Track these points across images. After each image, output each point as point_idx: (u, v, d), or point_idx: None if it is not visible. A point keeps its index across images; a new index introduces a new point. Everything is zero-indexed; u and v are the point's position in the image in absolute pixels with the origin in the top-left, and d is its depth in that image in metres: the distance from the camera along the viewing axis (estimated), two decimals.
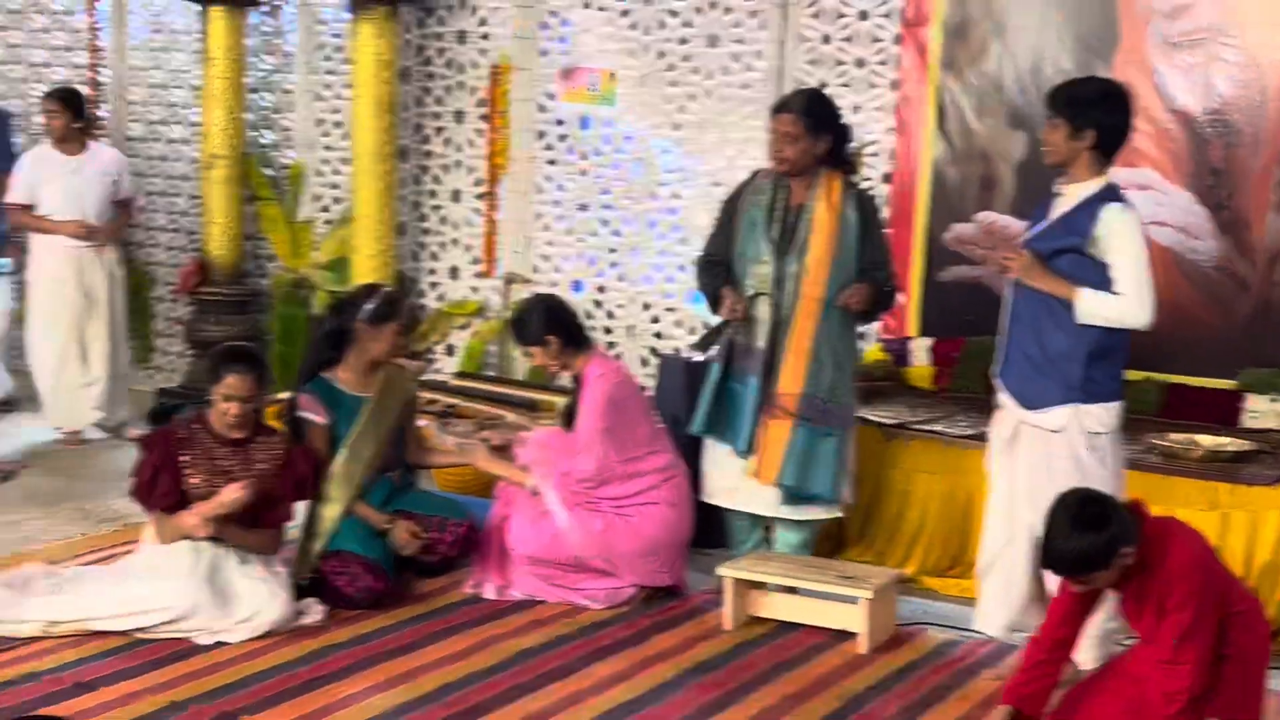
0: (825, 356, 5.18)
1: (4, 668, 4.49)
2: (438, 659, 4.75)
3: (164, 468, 4.92)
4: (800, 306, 5.18)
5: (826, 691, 4.61)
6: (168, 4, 8.56)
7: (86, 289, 7.31)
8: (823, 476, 5.23)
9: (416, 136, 7.97)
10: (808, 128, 5.14)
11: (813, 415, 5.18)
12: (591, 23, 7.44)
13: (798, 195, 5.24)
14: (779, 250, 5.20)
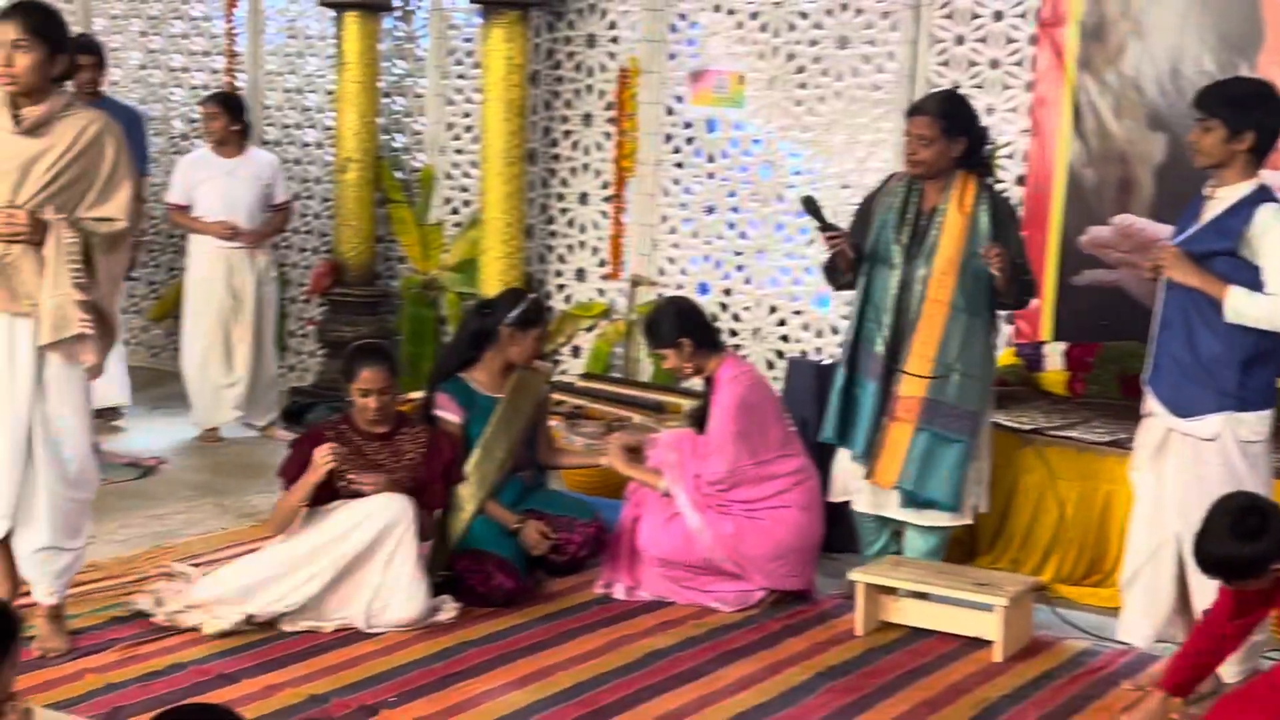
0: (952, 362, 5.08)
1: (152, 658, 4.61)
2: (569, 658, 4.78)
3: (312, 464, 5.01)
4: (926, 310, 5.10)
5: (961, 700, 4.56)
6: (303, 10, 8.72)
7: (235, 290, 7.46)
8: (943, 483, 5.12)
9: (545, 140, 8.03)
10: (943, 130, 5.07)
11: (937, 421, 5.09)
12: (721, 25, 7.45)
13: (930, 198, 5.17)
14: (908, 254, 5.13)
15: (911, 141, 5.12)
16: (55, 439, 4.46)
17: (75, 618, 4.81)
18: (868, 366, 5.18)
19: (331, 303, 8.28)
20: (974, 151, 5.19)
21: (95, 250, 4.40)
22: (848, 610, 5.20)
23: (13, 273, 4.35)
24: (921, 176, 5.17)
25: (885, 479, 5.16)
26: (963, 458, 5.12)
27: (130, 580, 5.33)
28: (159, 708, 4.16)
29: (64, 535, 4.54)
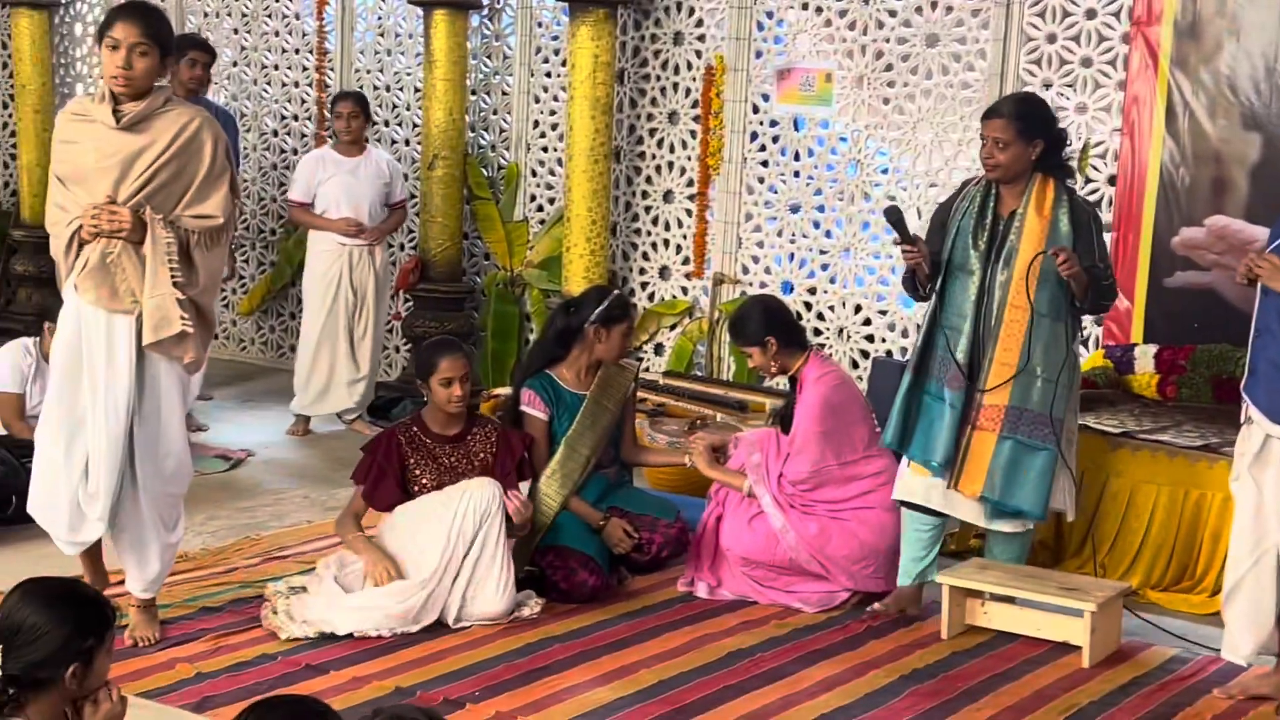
0: (1035, 368, 4.96)
1: (241, 648, 4.67)
2: (652, 655, 4.79)
3: (386, 471, 5.04)
4: (1007, 316, 4.99)
5: (1048, 706, 4.51)
6: (393, 8, 8.79)
7: (356, 286, 7.52)
8: (1031, 493, 5.00)
9: (630, 137, 8.05)
10: (1019, 132, 4.96)
11: (1021, 429, 4.98)
12: (808, 23, 7.42)
13: (1009, 203, 5.07)
14: (987, 259, 5.02)
15: (988, 145, 5.02)
16: (153, 436, 4.51)
17: (166, 608, 4.88)
18: (945, 375, 5.05)
19: (417, 299, 8.34)
20: (1052, 154, 5.07)
21: (194, 248, 4.45)
22: (933, 613, 5.17)
23: (115, 270, 4.40)
24: (999, 180, 5.06)
25: (970, 489, 5.04)
26: (1049, 465, 4.99)
27: (219, 571, 5.41)
28: (248, 698, 4.24)
29: (161, 529, 4.60)
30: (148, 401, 4.49)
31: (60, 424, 4.50)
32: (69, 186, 4.46)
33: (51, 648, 2.82)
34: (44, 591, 2.90)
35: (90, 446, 4.47)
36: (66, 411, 4.50)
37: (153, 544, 4.59)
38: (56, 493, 4.53)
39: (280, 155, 9.25)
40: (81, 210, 4.40)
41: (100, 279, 4.40)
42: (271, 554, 5.63)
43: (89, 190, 4.41)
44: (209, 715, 4.17)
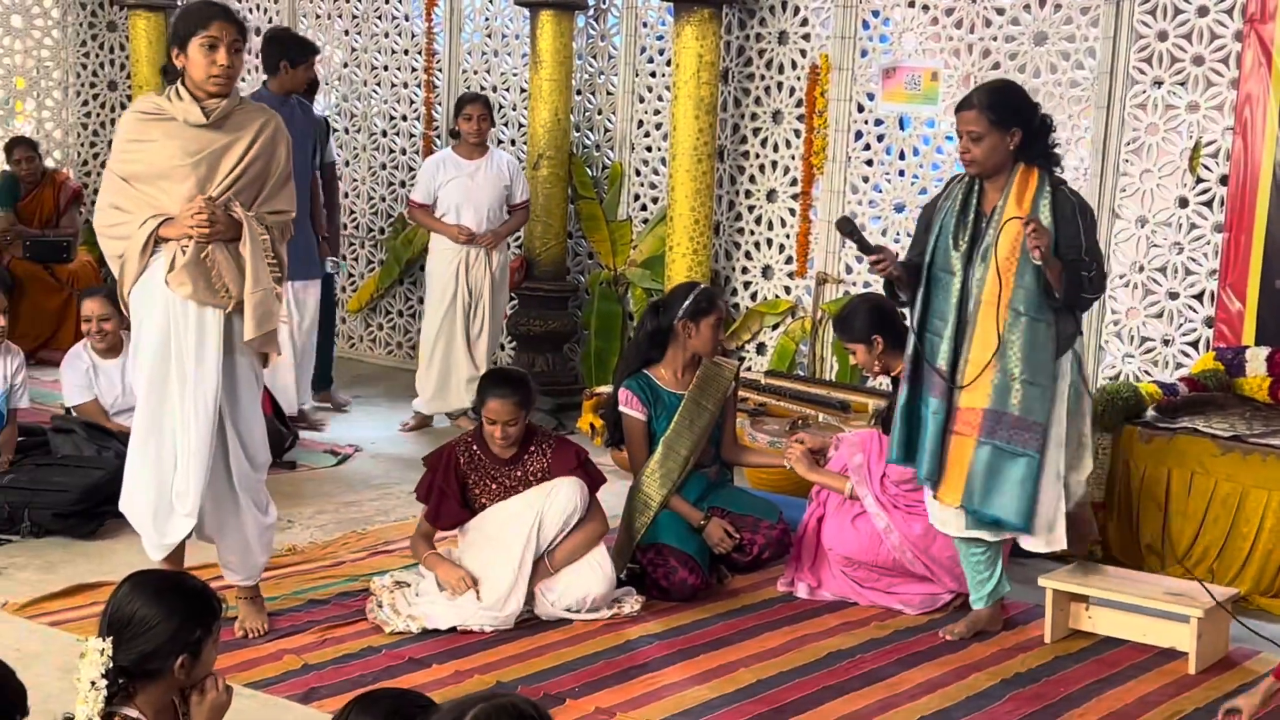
0: (1013, 369, 4.70)
1: (347, 641, 4.76)
2: (751, 655, 4.80)
3: (446, 493, 5.07)
4: (982, 314, 4.73)
5: (1152, 712, 4.46)
6: (500, 9, 8.88)
7: (472, 286, 7.58)
8: (1010, 501, 4.74)
9: (734, 136, 8.05)
10: (992, 123, 4.69)
11: (1000, 433, 4.72)
12: (914, 22, 7.37)
13: (991, 198, 4.80)
14: (967, 259, 4.77)
15: (962, 139, 4.77)
16: (242, 428, 4.60)
17: (273, 600, 4.98)
18: (931, 382, 4.83)
19: (522, 298, 8.41)
20: (1033, 143, 4.77)
21: (276, 243, 4.57)
22: (1036, 616, 5.12)
23: (210, 267, 4.46)
24: (978, 175, 4.80)
25: (950, 497, 4.82)
26: (1030, 473, 4.73)
27: (326, 565, 5.51)
28: (353, 690, 4.31)
29: (257, 513, 4.71)
30: (234, 394, 4.58)
31: (151, 420, 4.57)
32: (137, 186, 4.50)
33: (161, 639, 2.88)
34: (153, 584, 2.97)
35: (180, 442, 4.53)
36: (156, 407, 4.56)
37: (251, 529, 4.69)
38: (146, 490, 4.60)
39: (389, 155, 9.38)
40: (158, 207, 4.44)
41: (197, 273, 4.45)
42: (377, 548, 5.73)
43: (167, 189, 4.46)
44: (315, 706, 4.26)
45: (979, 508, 4.78)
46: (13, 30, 10.14)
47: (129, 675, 2.86)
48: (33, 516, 5.65)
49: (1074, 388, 4.82)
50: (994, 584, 5.01)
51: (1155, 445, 5.76)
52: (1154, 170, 6.73)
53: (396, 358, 9.44)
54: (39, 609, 4.92)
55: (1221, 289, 6.49)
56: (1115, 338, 6.91)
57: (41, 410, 6.88)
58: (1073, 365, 4.82)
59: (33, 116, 10.28)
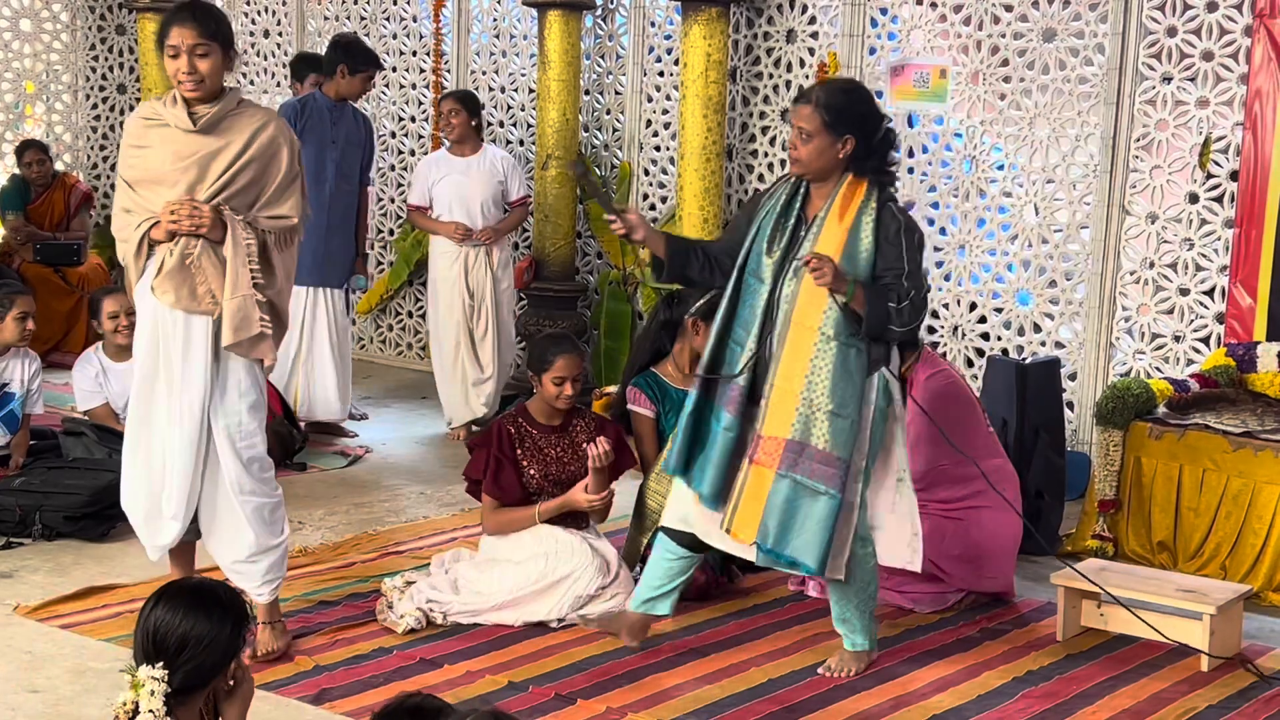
0: (819, 399, 4.29)
1: (358, 642, 4.76)
2: (763, 653, 4.80)
3: (504, 462, 5.10)
4: (791, 335, 4.33)
5: (1165, 710, 4.44)
6: (508, 10, 8.88)
7: (471, 288, 7.52)
8: (806, 543, 4.33)
9: (743, 135, 8.05)
10: (825, 124, 4.30)
11: (800, 467, 4.31)
12: (923, 19, 7.36)
13: (815, 205, 4.42)
14: (780, 267, 4.38)
15: (792, 135, 4.40)
16: (237, 439, 4.47)
17: (284, 601, 4.96)
18: (726, 395, 4.41)
19: (530, 297, 8.41)
20: (868, 155, 4.36)
21: (271, 248, 4.45)
22: (1048, 614, 5.11)
23: (195, 271, 4.39)
24: (801, 177, 4.42)
25: (745, 533, 4.39)
26: (830, 513, 4.31)
27: (337, 566, 5.51)
28: (364, 691, 4.34)
29: (266, 535, 4.54)
30: (228, 402, 4.47)
31: (140, 425, 4.53)
32: (138, 190, 4.46)
33: (217, 654, 2.86)
34: (189, 598, 2.90)
35: (166, 447, 4.48)
36: (145, 413, 4.52)
37: (254, 547, 4.52)
38: (137, 494, 4.56)
39: (398, 156, 9.39)
40: (154, 211, 4.39)
41: (180, 280, 4.39)
42: (388, 549, 5.73)
43: (161, 194, 4.40)
44: (326, 707, 4.25)
45: (774, 548, 4.36)
46: (22, 34, 10.17)
47: (181, 693, 2.84)
48: (44, 519, 5.66)
49: (880, 413, 4.39)
50: (658, 594, 4.67)
51: (1166, 442, 5.75)
52: (1164, 166, 6.71)
53: (406, 359, 9.45)
54: (50, 612, 4.93)
55: (1232, 284, 6.48)
56: (1126, 334, 6.89)
57: (53, 413, 6.89)
58: (880, 389, 4.39)
59: (43, 120, 10.31)
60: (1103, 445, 5.84)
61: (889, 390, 4.42)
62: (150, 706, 2.78)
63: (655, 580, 4.66)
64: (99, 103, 10.41)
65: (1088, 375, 6.93)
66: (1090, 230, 6.92)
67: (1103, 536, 5.85)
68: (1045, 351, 7.01)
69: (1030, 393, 5.98)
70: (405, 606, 4.88)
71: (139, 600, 4.75)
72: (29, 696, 4.28)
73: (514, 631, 4.87)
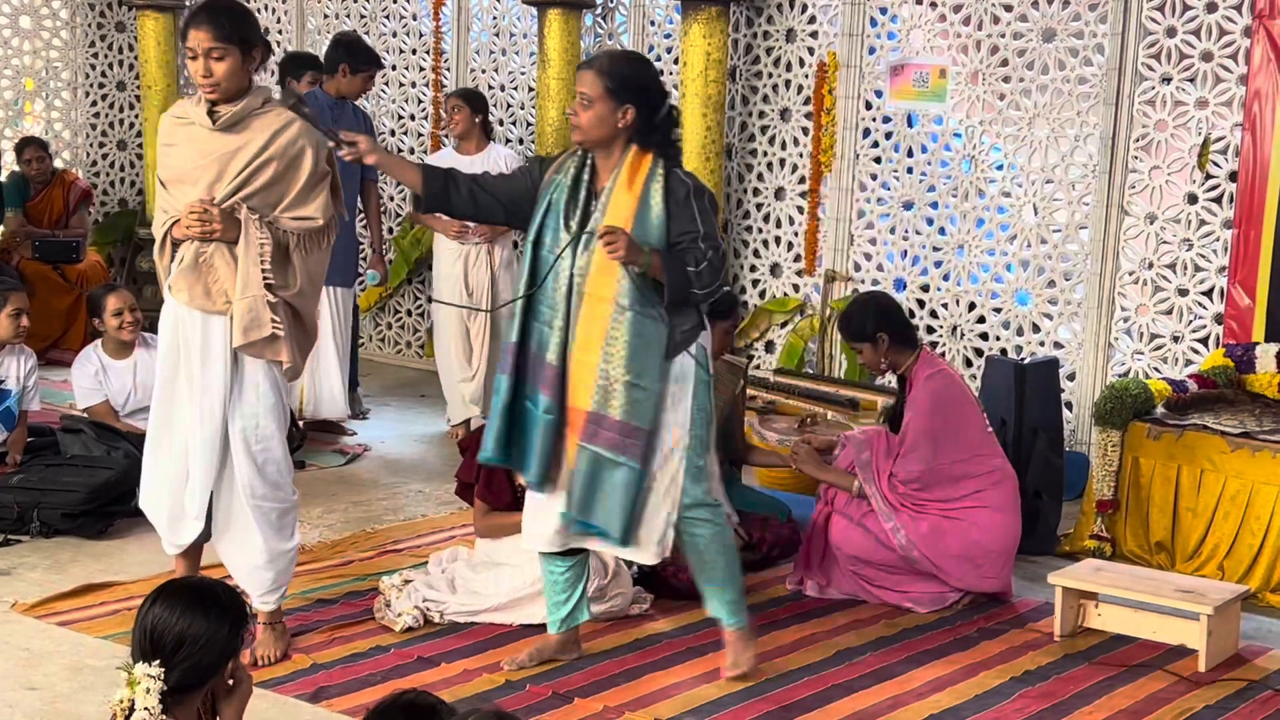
0: (617, 372, 4.26)
1: (355, 640, 4.76)
2: (760, 653, 4.76)
3: (495, 468, 5.06)
4: (586, 307, 4.30)
5: (1162, 710, 4.45)
6: (507, 8, 8.88)
7: (471, 285, 7.48)
8: (608, 512, 4.33)
9: (742, 134, 8.05)
10: (608, 91, 4.24)
11: (600, 438, 4.30)
12: (922, 19, 7.36)
13: (603, 177, 4.36)
14: (574, 241, 4.33)
15: (574, 102, 4.35)
16: (252, 442, 4.46)
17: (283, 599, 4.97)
18: (540, 376, 4.37)
19: None
20: (654, 129, 4.32)
21: (293, 250, 4.42)
22: (1046, 614, 5.11)
23: (208, 271, 4.39)
24: (582, 145, 4.36)
25: (561, 501, 4.41)
26: (631, 482, 4.30)
27: (335, 564, 5.51)
28: (362, 689, 4.34)
29: (275, 539, 4.52)
30: (245, 405, 4.45)
31: (162, 425, 4.54)
32: (170, 189, 4.47)
33: (215, 653, 2.86)
34: (188, 596, 2.91)
35: (188, 447, 4.48)
36: (167, 412, 4.52)
37: (261, 552, 4.50)
38: (159, 492, 4.57)
39: (397, 155, 9.38)
40: (179, 210, 4.41)
41: (193, 279, 4.40)
42: (386, 548, 5.73)
43: (185, 193, 4.41)
44: (323, 705, 4.26)
45: (579, 515, 4.37)
46: (21, 31, 10.16)
47: (178, 691, 2.84)
48: (42, 516, 5.66)
49: (704, 384, 4.39)
50: (569, 608, 4.62)
51: (1165, 442, 5.75)
52: (1163, 166, 6.72)
53: (405, 356, 9.45)
54: (48, 609, 4.93)
55: (1231, 285, 6.48)
56: (1125, 334, 6.90)
57: (51, 410, 6.89)
58: (697, 365, 4.38)
59: (42, 117, 10.30)
60: (1101, 445, 5.84)
61: (708, 362, 4.43)
62: (146, 704, 2.78)
63: (559, 598, 4.62)
64: (98, 100, 10.41)
65: (1086, 375, 6.93)
66: (1089, 230, 6.93)
67: (1101, 537, 5.86)
68: (1044, 351, 7.01)
69: (1029, 393, 5.98)
70: (403, 605, 4.89)
71: (137, 598, 4.77)
72: (26, 694, 4.28)
73: (511, 630, 4.87)
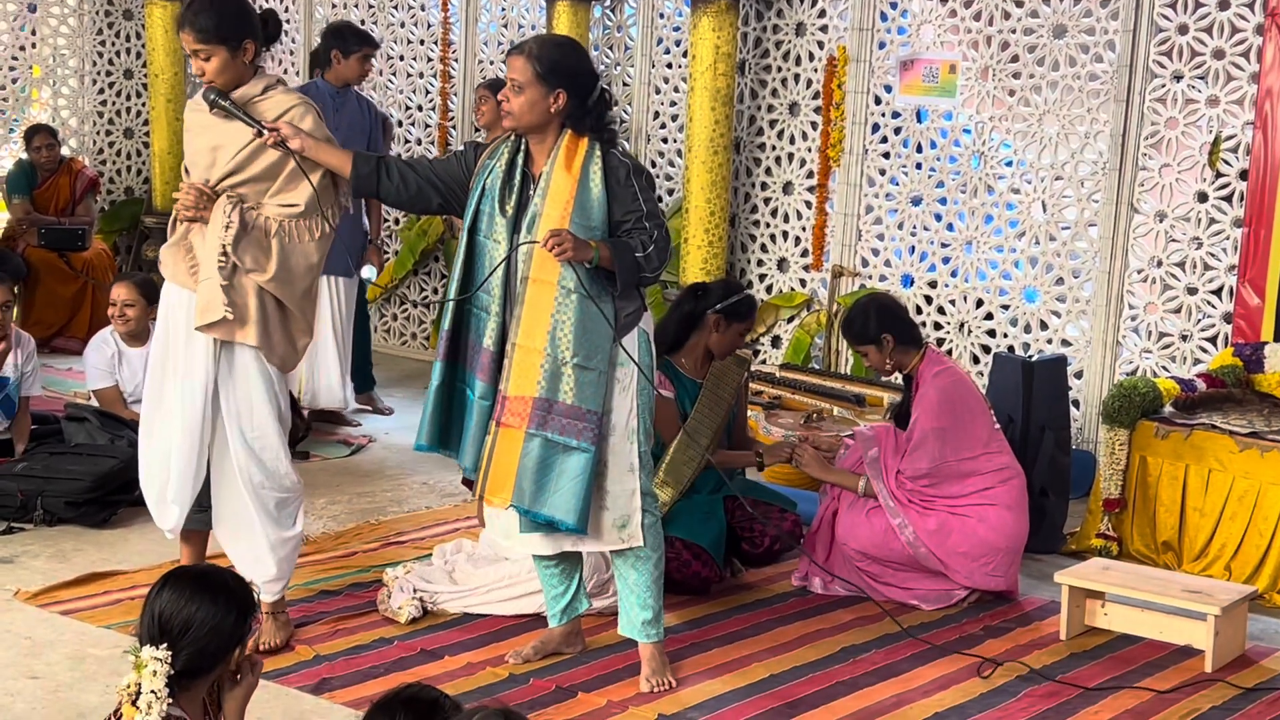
0: (565, 354, 4.21)
1: (359, 632, 4.75)
2: (765, 649, 4.79)
3: None
4: (530, 292, 4.24)
5: (1168, 710, 4.43)
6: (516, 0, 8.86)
7: None
8: (563, 498, 4.24)
9: (750, 128, 8.02)
10: (537, 75, 4.22)
11: (551, 424, 4.23)
12: (933, 14, 7.34)
13: (539, 162, 4.33)
14: (513, 227, 4.30)
15: (507, 87, 4.29)
16: (246, 430, 4.43)
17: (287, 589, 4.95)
18: (476, 361, 4.33)
19: None
20: (585, 113, 4.28)
21: (272, 236, 4.36)
22: (1052, 613, 5.10)
23: (188, 251, 4.41)
24: (515, 130, 4.32)
25: (499, 496, 4.31)
26: (585, 467, 4.23)
27: (339, 555, 5.50)
28: (365, 681, 4.32)
29: (270, 525, 4.49)
30: (238, 390, 4.43)
31: (154, 408, 4.52)
32: (190, 174, 4.51)
33: (222, 638, 2.87)
34: (196, 583, 2.92)
35: (172, 430, 4.45)
36: (157, 395, 4.51)
37: (261, 540, 4.48)
38: (152, 475, 4.54)
39: (405, 146, 9.36)
40: None
41: (176, 257, 4.42)
42: (390, 539, 5.72)
43: (197, 177, 4.46)
44: (326, 697, 4.25)
45: (530, 507, 4.27)
46: (28, 18, 10.14)
47: (184, 676, 2.84)
48: (45, 505, 5.64)
49: (649, 369, 4.38)
50: (568, 599, 4.59)
51: (1172, 441, 5.73)
52: (1173, 164, 6.69)
53: (411, 348, 9.44)
54: (51, 597, 4.92)
55: (1240, 284, 6.45)
56: (1133, 332, 6.87)
57: (55, 398, 6.88)
58: (641, 346, 4.34)
59: (49, 104, 10.28)
60: (1108, 444, 5.82)
61: (650, 347, 4.39)
62: (152, 687, 2.78)
63: (555, 591, 4.59)
64: (105, 88, 10.39)
65: (1094, 374, 6.91)
66: (1098, 228, 6.90)
67: (1107, 535, 5.84)
68: (1052, 349, 6.99)
69: (1036, 390, 5.95)
70: (399, 599, 4.86)
71: (140, 587, 4.78)
72: (28, 683, 4.27)
73: (515, 624, 4.85)
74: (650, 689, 4.40)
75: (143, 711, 2.78)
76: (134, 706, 2.79)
